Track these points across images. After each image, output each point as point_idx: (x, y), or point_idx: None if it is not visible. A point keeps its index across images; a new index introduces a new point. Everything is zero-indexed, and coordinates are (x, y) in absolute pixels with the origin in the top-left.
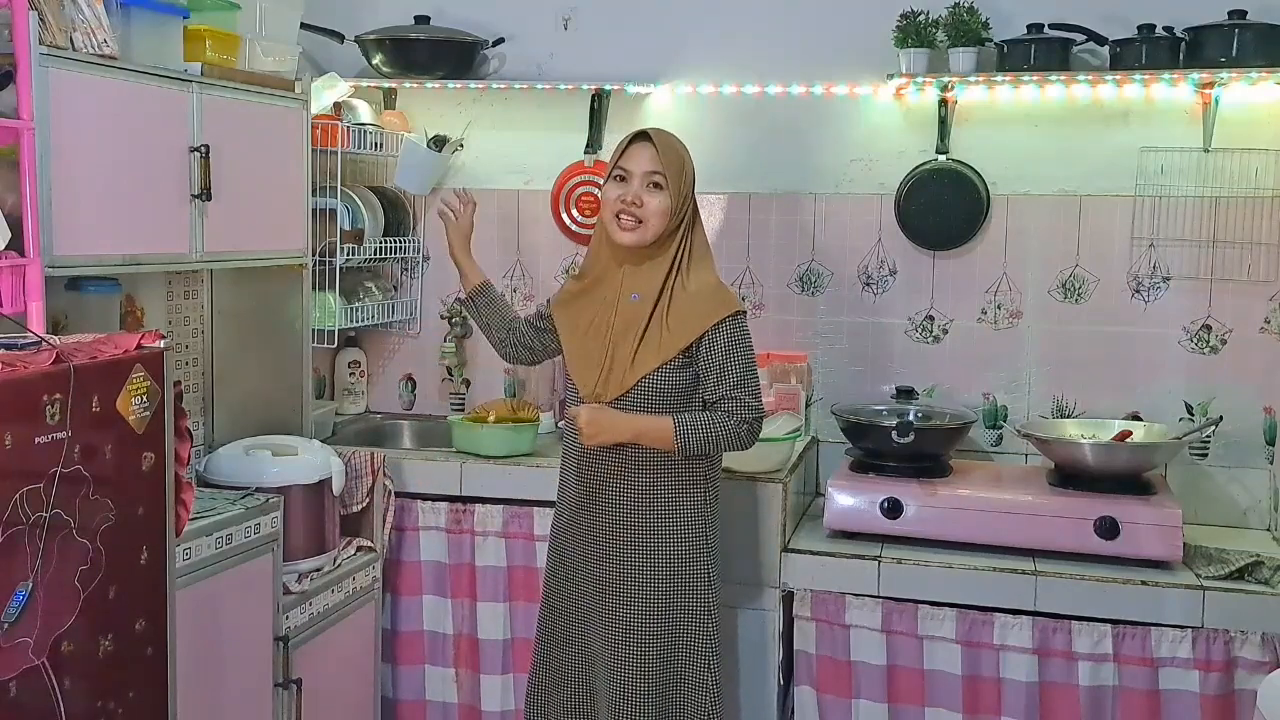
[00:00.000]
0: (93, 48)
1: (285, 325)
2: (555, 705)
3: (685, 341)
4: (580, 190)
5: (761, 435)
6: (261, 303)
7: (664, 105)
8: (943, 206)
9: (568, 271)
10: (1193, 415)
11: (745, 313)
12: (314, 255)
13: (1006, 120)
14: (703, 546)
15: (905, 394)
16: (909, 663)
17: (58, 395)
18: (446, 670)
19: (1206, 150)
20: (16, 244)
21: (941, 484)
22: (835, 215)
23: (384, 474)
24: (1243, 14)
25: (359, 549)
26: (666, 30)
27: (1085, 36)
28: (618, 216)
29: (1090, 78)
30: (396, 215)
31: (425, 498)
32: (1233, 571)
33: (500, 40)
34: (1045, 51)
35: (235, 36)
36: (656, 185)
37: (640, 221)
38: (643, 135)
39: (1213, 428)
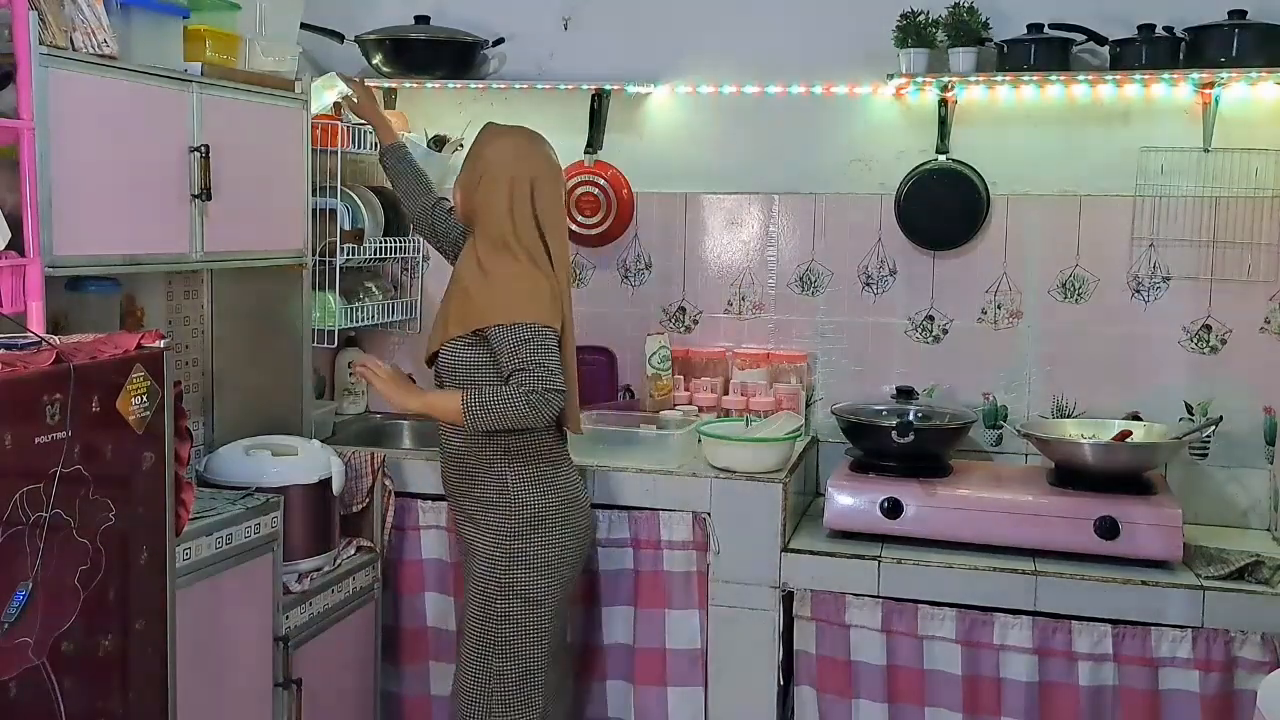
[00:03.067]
0: (93, 48)
1: (285, 325)
2: None
3: (473, 325)
4: (580, 190)
5: (761, 435)
6: (261, 303)
7: (664, 105)
8: (943, 206)
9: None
10: (1193, 415)
11: (536, 324)
12: (314, 255)
13: (1006, 120)
14: (519, 538)
15: (905, 394)
16: (909, 663)
17: (58, 395)
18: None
19: (1206, 150)
20: (16, 244)
21: (941, 484)
22: (835, 215)
23: (384, 474)
24: (1243, 14)
25: (359, 549)
26: (666, 30)
27: (1085, 36)
28: None
29: (1090, 78)
30: (396, 215)
31: (425, 497)
32: (1233, 571)
33: (500, 40)
34: (1045, 51)
35: (235, 36)
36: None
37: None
38: None
39: (1213, 428)
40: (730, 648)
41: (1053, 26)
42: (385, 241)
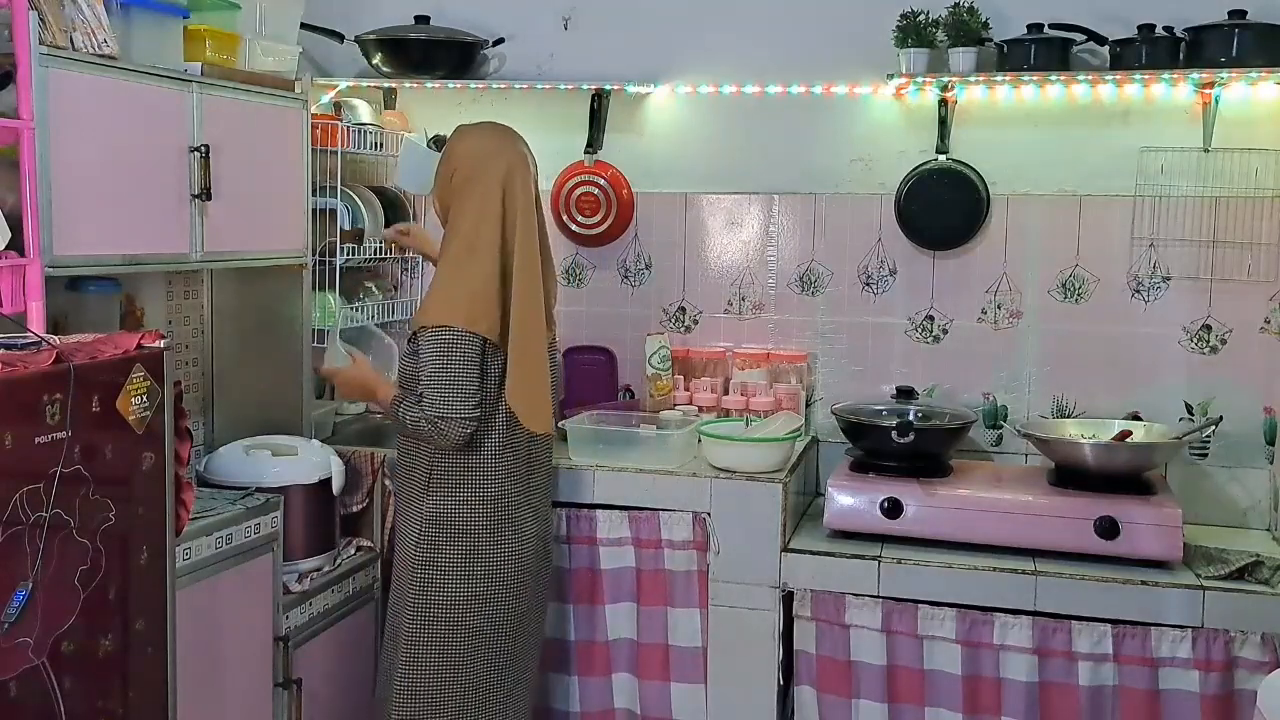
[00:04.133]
0: (93, 47)
1: (285, 325)
2: None
3: (413, 330)
4: (580, 190)
5: (761, 435)
6: (261, 303)
7: (664, 105)
8: (943, 206)
9: (567, 272)
10: (1193, 415)
11: (450, 328)
12: (314, 255)
13: (1006, 120)
14: (432, 540)
15: (905, 394)
16: (909, 663)
17: (58, 395)
18: None
19: (1206, 150)
20: (16, 244)
21: (941, 484)
22: (835, 215)
23: (384, 474)
24: (1243, 14)
25: (359, 549)
26: (666, 30)
27: (1085, 36)
28: None
29: (1090, 78)
30: (396, 215)
31: None
32: (1233, 571)
33: (500, 40)
34: (1045, 51)
35: (235, 36)
36: None
37: None
38: None
39: (1213, 428)
40: (730, 647)
41: (1053, 26)
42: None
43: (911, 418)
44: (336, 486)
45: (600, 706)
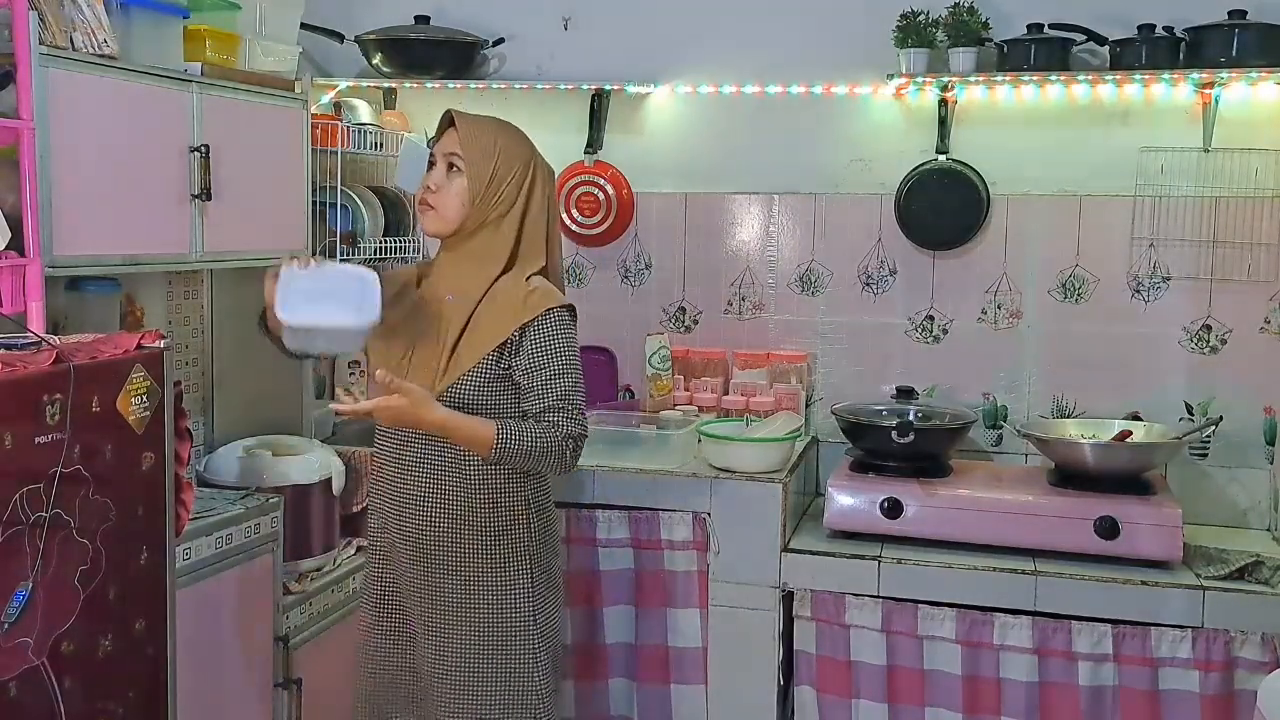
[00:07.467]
0: (93, 47)
1: None
2: None
3: (495, 341)
4: (580, 190)
5: (761, 435)
6: (262, 303)
7: (664, 105)
8: (943, 206)
9: (568, 272)
10: (1193, 415)
11: (569, 308)
12: (314, 255)
13: (1006, 120)
14: (522, 571)
15: (905, 394)
16: (909, 663)
17: (58, 395)
18: None
19: (1206, 150)
20: (16, 244)
21: (941, 484)
22: (835, 215)
23: None
24: (1243, 14)
25: (359, 549)
26: (666, 30)
27: (1085, 36)
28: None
29: (1090, 78)
30: (396, 215)
31: None
32: (1233, 571)
33: (500, 40)
34: (1045, 51)
35: (235, 36)
36: (454, 168)
37: (434, 208)
38: (449, 118)
39: (1213, 428)
40: (730, 648)
41: (1053, 26)
42: (385, 241)
43: (911, 418)
44: (336, 486)
45: (597, 712)
